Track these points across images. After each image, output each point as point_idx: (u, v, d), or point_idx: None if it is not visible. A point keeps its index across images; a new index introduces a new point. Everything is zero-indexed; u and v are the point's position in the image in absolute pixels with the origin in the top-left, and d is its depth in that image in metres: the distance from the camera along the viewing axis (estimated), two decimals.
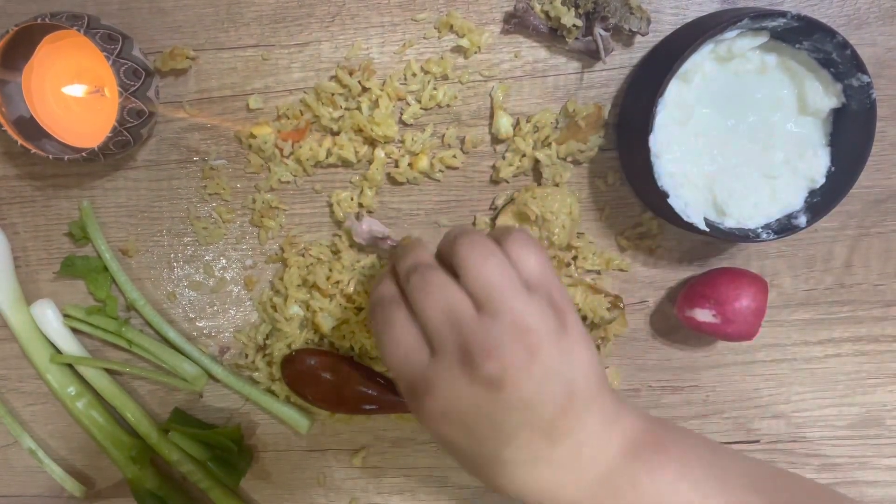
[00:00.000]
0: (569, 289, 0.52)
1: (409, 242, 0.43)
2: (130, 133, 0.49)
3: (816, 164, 0.50)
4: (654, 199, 0.49)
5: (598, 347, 0.56)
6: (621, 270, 0.55)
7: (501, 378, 0.34)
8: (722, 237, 0.49)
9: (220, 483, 0.57)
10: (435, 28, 0.52)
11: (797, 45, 0.49)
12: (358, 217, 0.54)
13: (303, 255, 0.55)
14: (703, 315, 0.51)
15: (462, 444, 0.37)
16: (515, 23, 0.51)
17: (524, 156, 0.53)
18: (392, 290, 0.40)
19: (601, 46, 0.50)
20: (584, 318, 0.53)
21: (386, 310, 0.39)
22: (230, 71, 0.53)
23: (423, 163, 0.53)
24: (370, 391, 0.54)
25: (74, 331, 0.57)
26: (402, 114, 0.53)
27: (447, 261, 0.39)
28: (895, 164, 0.54)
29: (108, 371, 0.57)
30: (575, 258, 0.54)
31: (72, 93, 0.51)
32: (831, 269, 0.56)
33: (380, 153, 0.53)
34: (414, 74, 0.52)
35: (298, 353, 0.54)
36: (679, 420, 0.57)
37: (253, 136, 0.53)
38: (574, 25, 0.49)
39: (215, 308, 0.57)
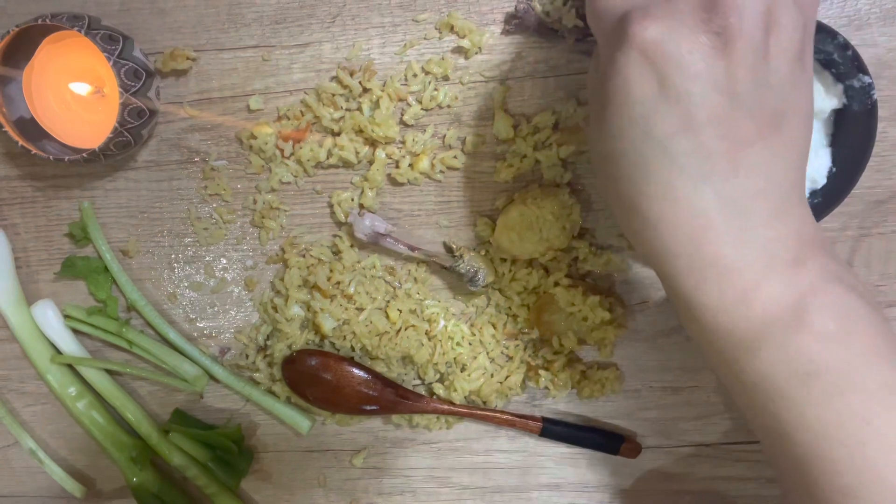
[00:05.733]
0: (569, 290, 0.52)
1: None
2: (131, 134, 0.49)
3: (817, 165, 0.50)
4: None
5: (598, 349, 0.56)
6: (622, 271, 0.55)
7: (732, 40, 0.30)
8: None
9: (221, 483, 0.57)
10: (436, 29, 0.52)
11: None
12: (360, 213, 0.54)
13: (303, 256, 0.55)
14: None
15: (641, 94, 0.31)
16: (516, 23, 0.51)
17: (525, 156, 0.52)
18: None
19: None
20: (585, 319, 0.53)
21: None
22: (231, 72, 0.53)
23: (424, 163, 0.53)
24: (370, 391, 0.54)
25: (75, 331, 0.57)
26: (402, 114, 0.53)
27: None
28: None
29: (109, 372, 0.57)
30: (575, 259, 0.54)
31: (73, 92, 0.51)
32: None
33: (381, 154, 0.53)
34: (415, 75, 0.52)
35: (299, 353, 0.54)
36: (679, 421, 0.57)
37: (253, 136, 0.53)
38: (575, 26, 0.49)
39: (216, 309, 0.57)
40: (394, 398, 0.54)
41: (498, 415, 0.55)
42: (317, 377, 0.54)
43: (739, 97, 0.31)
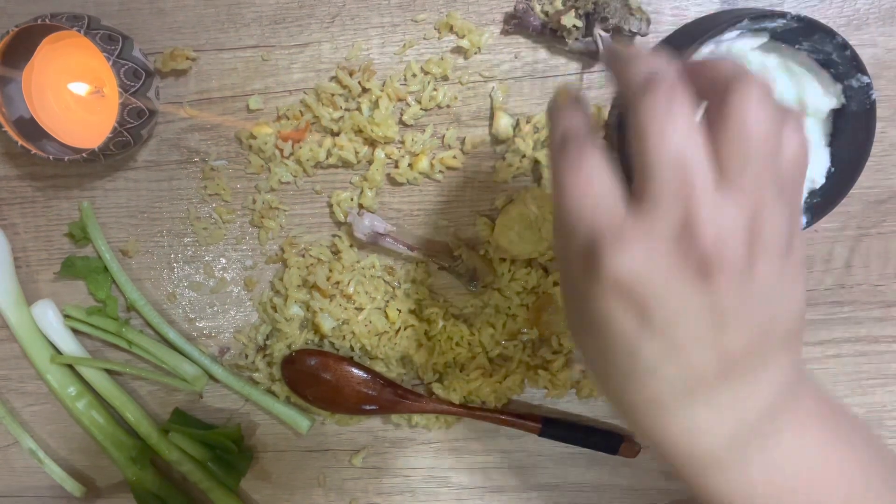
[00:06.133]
0: None
1: (634, 50, 0.32)
2: (131, 134, 0.49)
3: (816, 165, 0.50)
4: None
5: None
6: None
7: (713, 272, 0.27)
8: None
9: (220, 483, 0.57)
10: (435, 29, 0.52)
11: (797, 46, 0.49)
12: (360, 212, 0.54)
13: (303, 256, 0.55)
14: None
15: (621, 329, 0.29)
16: (515, 23, 0.51)
17: (524, 156, 0.53)
18: (584, 120, 0.31)
19: (601, 47, 0.50)
20: None
21: (579, 141, 0.30)
22: (230, 71, 0.53)
23: (424, 163, 0.53)
24: (370, 391, 0.54)
25: (75, 331, 0.57)
26: (402, 114, 0.53)
27: (700, 93, 0.29)
28: (895, 164, 0.54)
29: (109, 371, 0.57)
30: None
31: (72, 92, 0.51)
32: (831, 269, 0.56)
33: (380, 154, 0.53)
34: (414, 75, 0.52)
35: (299, 353, 0.55)
36: None
37: (253, 136, 0.53)
38: (574, 26, 0.49)
39: (215, 308, 0.57)
40: (393, 398, 0.54)
41: (497, 415, 0.55)
42: (316, 377, 0.54)
43: (726, 320, 0.29)
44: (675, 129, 0.27)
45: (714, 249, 0.27)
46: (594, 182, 0.29)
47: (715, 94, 0.29)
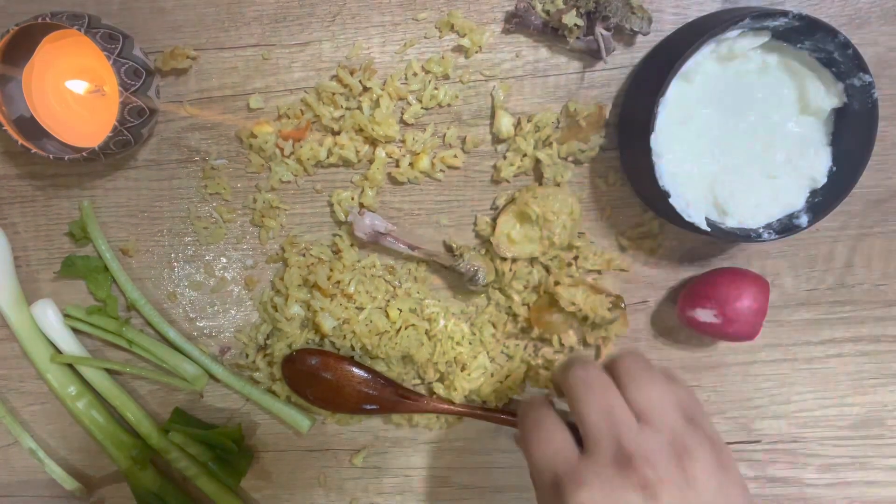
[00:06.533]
0: (569, 289, 0.52)
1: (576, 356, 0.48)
2: (131, 133, 0.49)
3: (818, 164, 0.50)
4: (656, 199, 0.49)
5: (598, 348, 0.56)
6: (622, 270, 0.55)
7: (657, 491, 0.35)
8: (723, 237, 0.49)
9: (221, 483, 0.57)
10: (436, 27, 0.52)
11: (798, 45, 0.48)
12: (360, 212, 0.54)
13: (303, 255, 0.55)
14: (705, 315, 0.51)
15: None
16: (516, 22, 0.51)
17: (525, 155, 0.52)
18: (542, 401, 0.43)
19: (602, 46, 0.50)
20: (585, 319, 0.53)
21: (537, 410, 0.42)
22: (231, 70, 0.53)
23: (424, 162, 0.53)
24: (371, 391, 0.54)
25: (75, 331, 0.56)
26: (402, 113, 0.53)
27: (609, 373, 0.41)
28: None
29: (109, 371, 0.57)
30: (576, 258, 0.54)
31: (72, 91, 0.51)
32: (832, 269, 0.55)
33: (381, 153, 0.53)
34: (415, 74, 0.52)
35: (299, 352, 0.54)
36: None
37: (254, 135, 0.53)
38: (575, 25, 0.49)
39: (216, 308, 0.57)
40: (394, 398, 0.54)
41: (499, 415, 0.55)
42: (317, 376, 0.54)
43: None
44: (595, 391, 0.39)
45: (648, 467, 0.35)
46: (553, 435, 0.40)
47: (613, 369, 0.41)
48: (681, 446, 0.37)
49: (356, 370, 0.54)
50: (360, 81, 0.52)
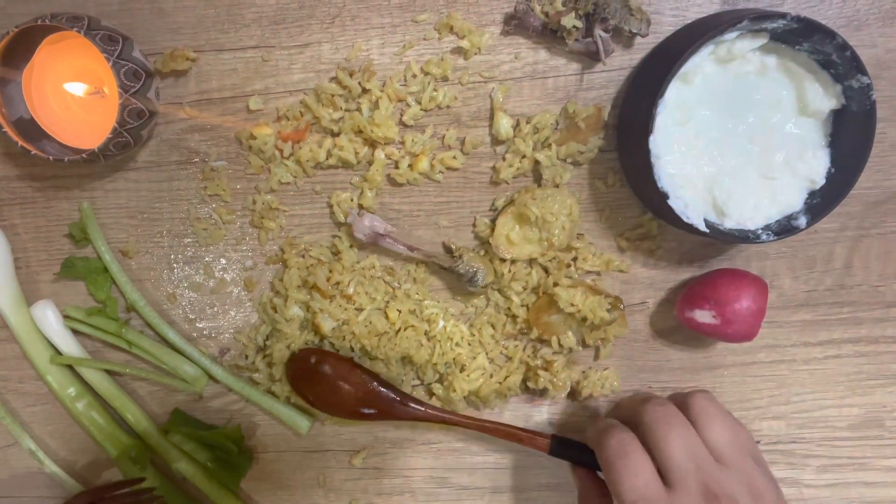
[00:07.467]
0: (568, 290, 0.53)
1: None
2: (131, 134, 0.49)
3: (816, 166, 0.50)
4: (654, 200, 0.49)
5: (597, 349, 0.56)
6: (621, 271, 0.55)
7: None
8: (722, 238, 0.49)
9: (220, 484, 0.57)
10: (435, 29, 0.52)
11: (797, 47, 0.49)
12: (360, 213, 0.54)
13: (303, 257, 0.55)
14: (703, 316, 0.51)
15: None
16: (515, 24, 0.51)
17: (524, 157, 0.53)
18: (625, 428, 0.45)
19: (601, 48, 0.50)
20: (584, 320, 0.53)
21: (623, 443, 0.44)
22: (230, 72, 0.53)
23: (424, 164, 0.53)
24: (370, 397, 0.54)
25: (75, 332, 0.57)
26: (402, 115, 0.53)
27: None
28: (895, 165, 0.54)
29: (109, 372, 0.57)
30: (575, 259, 0.54)
31: (72, 93, 0.51)
32: (831, 270, 0.56)
33: (380, 154, 0.53)
34: (414, 76, 0.52)
35: (302, 352, 0.54)
36: None
37: (253, 137, 0.53)
38: (574, 27, 0.49)
39: (215, 309, 0.57)
40: (394, 405, 0.54)
41: (503, 428, 0.53)
42: (318, 377, 0.54)
43: None
44: (677, 429, 0.43)
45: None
46: (642, 470, 0.42)
47: (687, 408, 0.46)
48: (755, 489, 0.41)
49: (357, 374, 0.54)
50: (359, 83, 0.52)
